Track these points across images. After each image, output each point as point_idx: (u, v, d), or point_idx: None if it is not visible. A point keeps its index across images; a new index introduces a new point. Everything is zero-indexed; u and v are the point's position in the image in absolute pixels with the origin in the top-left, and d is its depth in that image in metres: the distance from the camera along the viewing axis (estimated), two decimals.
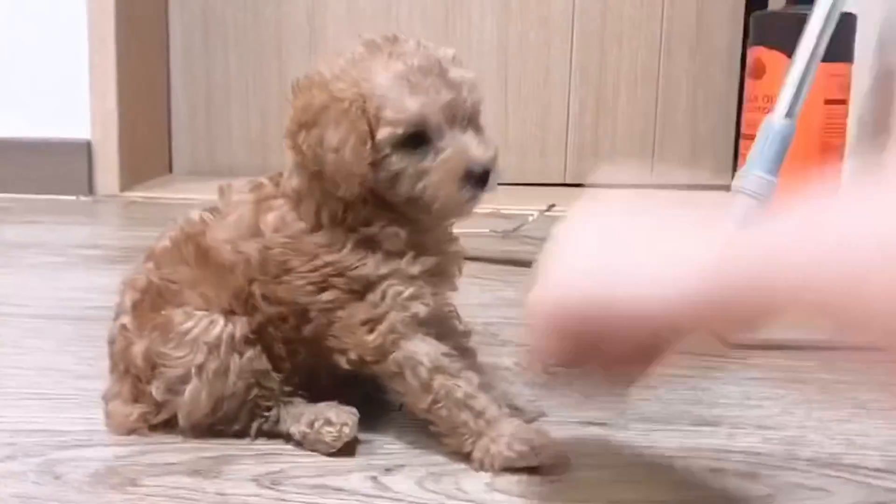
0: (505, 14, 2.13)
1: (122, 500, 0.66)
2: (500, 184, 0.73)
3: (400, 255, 0.72)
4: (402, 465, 0.71)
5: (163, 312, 0.76)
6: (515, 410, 0.78)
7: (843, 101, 1.46)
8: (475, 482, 0.69)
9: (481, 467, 0.70)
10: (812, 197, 0.48)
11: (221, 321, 0.74)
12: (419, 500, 0.67)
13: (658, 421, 0.82)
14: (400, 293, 0.72)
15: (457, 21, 2.13)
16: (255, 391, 0.75)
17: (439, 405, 0.71)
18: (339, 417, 0.74)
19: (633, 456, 0.75)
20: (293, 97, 0.72)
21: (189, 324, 0.74)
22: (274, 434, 0.76)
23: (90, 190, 1.95)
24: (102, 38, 1.92)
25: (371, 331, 0.71)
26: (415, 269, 0.72)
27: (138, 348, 0.76)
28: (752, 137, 1.30)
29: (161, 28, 2.16)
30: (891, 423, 0.82)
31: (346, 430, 0.74)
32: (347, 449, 0.74)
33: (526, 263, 1.39)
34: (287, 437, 0.75)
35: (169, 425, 0.76)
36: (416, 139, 0.69)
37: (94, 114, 1.95)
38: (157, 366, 0.75)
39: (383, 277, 0.72)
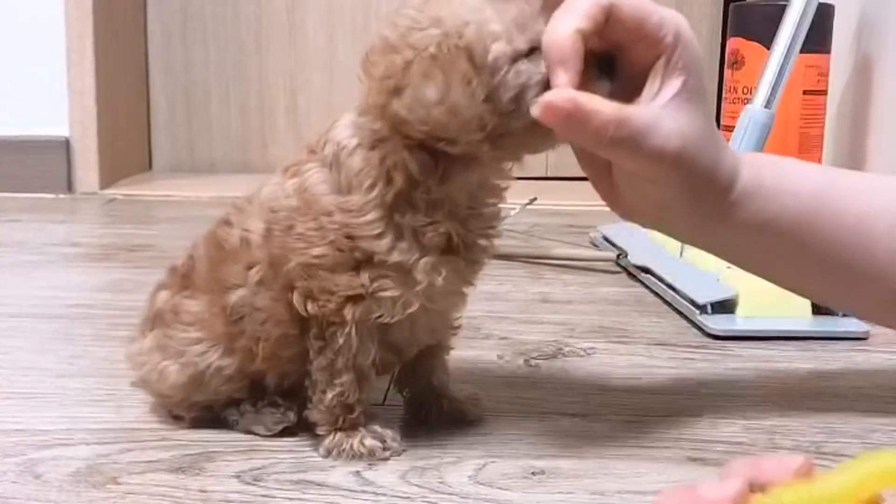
0: None
1: (104, 498, 0.65)
2: None
3: (427, 250, 0.67)
4: (385, 460, 0.71)
5: (174, 298, 0.75)
6: (459, 413, 0.78)
7: (822, 92, 1.47)
8: (459, 475, 0.69)
9: (328, 455, 0.71)
10: None
11: (217, 354, 0.73)
12: (402, 494, 0.67)
13: (640, 412, 0.82)
14: (385, 290, 0.68)
15: None
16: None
17: (327, 393, 0.70)
18: (284, 400, 0.74)
19: (615, 447, 0.75)
20: (367, 75, 0.65)
21: (191, 341, 0.73)
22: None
23: (69, 188, 1.94)
24: (80, 35, 1.91)
25: (344, 302, 0.68)
26: (423, 277, 0.67)
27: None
28: (731, 128, 1.31)
29: (139, 24, 2.15)
30: (870, 411, 0.83)
31: (291, 414, 0.74)
32: (285, 434, 0.74)
33: (508, 257, 1.39)
34: (223, 421, 0.76)
35: None
36: (529, 51, 0.64)
37: (73, 111, 1.93)
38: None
39: (384, 264, 0.67)
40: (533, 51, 0.64)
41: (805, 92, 1.43)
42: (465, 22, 0.63)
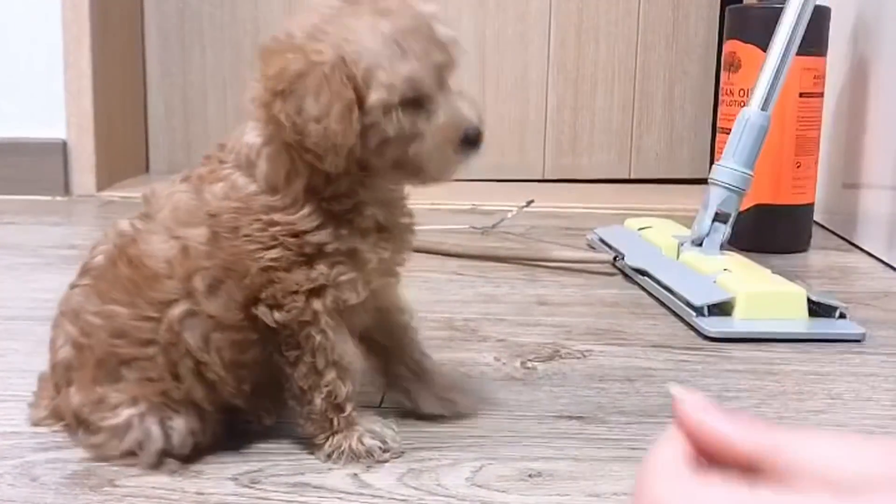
0: (482, 10, 2.13)
1: (100, 501, 0.65)
2: (478, 180, 0.72)
3: (364, 233, 0.70)
4: (382, 462, 0.71)
5: (98, 389, 0.70)
6: (447, 402, 0.79)
7: (818, 94, 1.47)
8: (455, 478, 0.69)
9: (328, 459, 0.71)
10: None
11: (157, 430, 0.69)
12: (399, 496, 0.67)
13: (636, 414, 0.82)
14: (344, 274, 0.69)
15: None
16: None
17: (315, 399, 0.70)
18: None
19: (612, 449, 0.75)
20: (263, 63, 0.67)
21: (122, 425, 0.69)
22: None
23: (66, 190, 1.94)
24: (77, 37, 1.91)
25: (308, 297, 0.68)
26: (371, 255, 0.70)
27: (73, 401, 0.72)
28: (728, 131, 1.31)
29: (137, 26, 2.15)
30: (864, 413, 0.83)
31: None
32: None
33: (505, 259, 1.40)
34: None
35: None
36: (409, 103, 0.66)
37: (70, 113, 1.93)
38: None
39: (338, 252, 0.69)
40: (413, 101, 0.66)
41: (801, 94, 1.43)
42: (360, 55, 0.65)
